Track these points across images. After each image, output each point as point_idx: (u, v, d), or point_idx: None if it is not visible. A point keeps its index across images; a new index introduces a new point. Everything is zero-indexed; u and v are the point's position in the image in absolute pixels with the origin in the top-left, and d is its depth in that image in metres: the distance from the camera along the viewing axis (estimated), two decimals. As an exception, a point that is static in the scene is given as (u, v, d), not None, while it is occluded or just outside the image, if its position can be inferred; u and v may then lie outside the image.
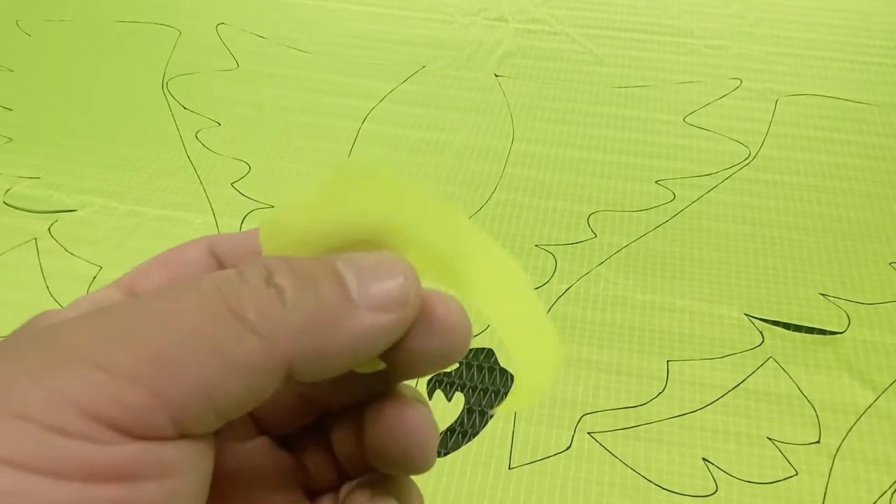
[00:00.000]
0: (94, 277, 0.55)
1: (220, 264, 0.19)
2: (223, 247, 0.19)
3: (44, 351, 0.13)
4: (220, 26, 0.81)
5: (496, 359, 0.50)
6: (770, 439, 0.46)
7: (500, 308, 0.17)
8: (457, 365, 0.50)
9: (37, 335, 0.14)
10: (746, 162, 0.65)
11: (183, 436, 0.14)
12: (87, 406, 0.13)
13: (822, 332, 0.51)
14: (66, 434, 0.13)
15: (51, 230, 0.59)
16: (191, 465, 0.14)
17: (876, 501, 0.43)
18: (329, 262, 0.16)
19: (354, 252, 0.16)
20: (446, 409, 0.47)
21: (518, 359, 0.18)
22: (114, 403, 0.13)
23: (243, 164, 0.65)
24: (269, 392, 0.15)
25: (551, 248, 0.58)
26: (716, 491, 0.43)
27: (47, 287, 0.55)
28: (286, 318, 0.14)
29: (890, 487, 0.44)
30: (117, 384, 0.13)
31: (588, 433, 0.46)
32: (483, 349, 0.51)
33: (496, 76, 0.75)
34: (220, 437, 0.16)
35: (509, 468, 0.45)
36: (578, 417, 0.47)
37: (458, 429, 0.46)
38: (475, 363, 0.50)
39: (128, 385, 0.13)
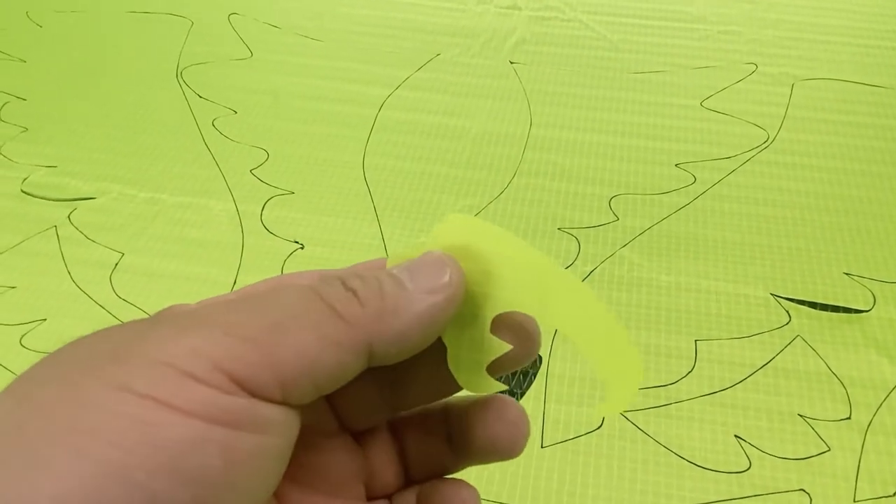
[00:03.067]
0: (116, 264, 0.55)
1: None
2: None
3: (183, 320, 0.17)
4: (231, 16, 0.81)
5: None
6: (801, 416, 0.46)
7: (585, 335, 0.20)
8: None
9: (175, 313, 0.18)
10: (766, 145, 0.65)
11: (284, 402, 0.17)
12: (217, 360, 0.16)
13: (848, 310, 0.51)
14: (199, 380, 0.15)
15: (70, 218, 0.59)
16: (283, 430, 0.17)
17: (909, 476, 0.43)
18: (386, 269, 0.20)
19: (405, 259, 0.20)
20: (476, 390, 0.47)
21: (605, 378, 0.20)
22: (237, 361, 0.16)
23: (262, 151, 0.64)
24: (356, 370, 0.18)
25: (574, 232, 0.57)
26: (749, 467, 0.43)
27: (69, 274, 0.55)
28: (363, 309, 0.18)
29: (922, 462, 0.44)
30: (242, 346, 0.16)
31: (619, 412, 0.46)
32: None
33: (511, 63, 0.75)
34: (307, 425, 0.18)
35: (542, 447, 0.45)
36: (609, 397, 0.47)
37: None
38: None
39: (249, 347, 0.16)
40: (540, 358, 0.49)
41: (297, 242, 0.56)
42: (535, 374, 0.48)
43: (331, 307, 0.18)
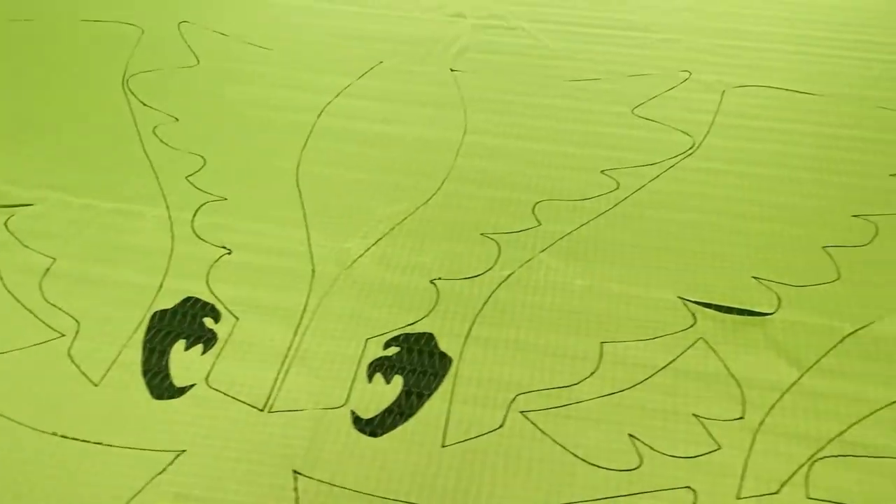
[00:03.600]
0: (48, 270, 0.57)
1: None
2: None
3: None
4: (182, 24, 0.82)
5: (436, 343, 0.52)
6: (696, 416, 0.47)
7: None
8: (398, 349, 0.51)
9: None
10: (690, 151, 0.66)
11: None
12: None
13: (753, 313, 0.53)
14: None
15: (7, 224, 0.60)
16: None
17: (794, 473, 0.45)
18: None
19: None
20: (385, 392, 0.49)
21: None
22: None
23: (199, 157, 0.66)
24: None
25: (496, 237, 0.59)
26: (640, 465, 0.45)
27: (1, 279, 0.56)
28: None
29: (808, 460, 0.45)
30: None
31: (521, 412, 0.48)
32: (424, 334, 0.52)
33: (452, 71, 0.76)
34: None
35: (443, 446, 0.46)
36: (512, 397, 0.48)
37: (395, 410, 0.48)
38: (416, 347, 0.51)
39: None
40: (450, 359, 0.51)
41: (225, 248, 0.58)
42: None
43: None
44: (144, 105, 0.72)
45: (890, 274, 0.56)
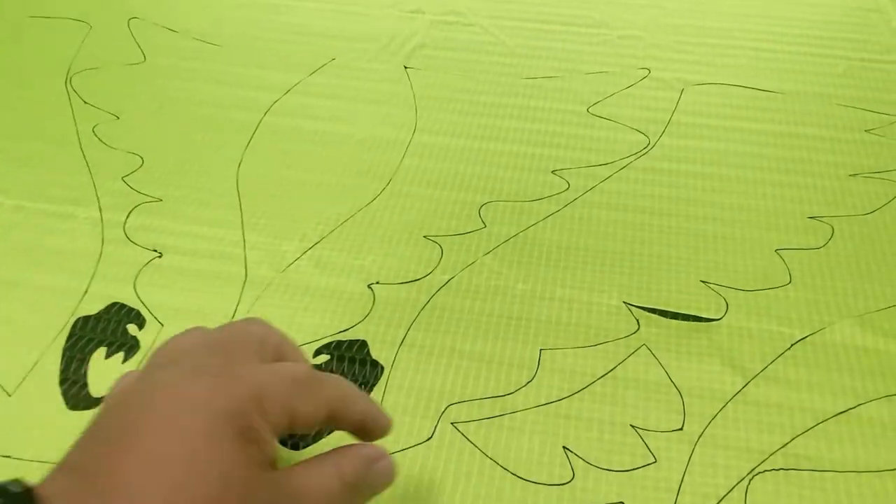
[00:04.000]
0: (-29, 273, 0.54)
1: None
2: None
3: None
4: (132, 20, 0.80)
5: (368, 351, 0.50)
6: (633, 427, 0.45)
7: None
8: (327, 357, 0.49)
9: None
10: (645, 151, 0.64)
11: None
12: None
13: (699, 318, 0.51)
14: None
15: (-68, 226, 0.58)
16: None
17: (733, 488, 0.43)
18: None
19: None
20: (312, 401, 0.47)
21: None
22: None
23: (137, 157, 0.64)
24: None
25: (439, 239, 0.57)
26: (572, 479, 0.43)
27: (-79, 283, 0.54)
28: None
29: (749, 474, 0.43)
30: None
31: (452, 423, 0.46)
32: (356, 341, 0.50)
33: (406, 68, 0.74)
34: None
35: (367, 459, 0.44)
36: (444, 408, 0.46)
37: (321, 421, 0.46)
38: (347, 354, 0.49)
39: None
40: (381, 367, 0.49)
41: (155, 251, 0.56)
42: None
43: None
44: (86, 103, 0.70)
45: (844, 278, 0.54)
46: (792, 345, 0.50)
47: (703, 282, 0.54)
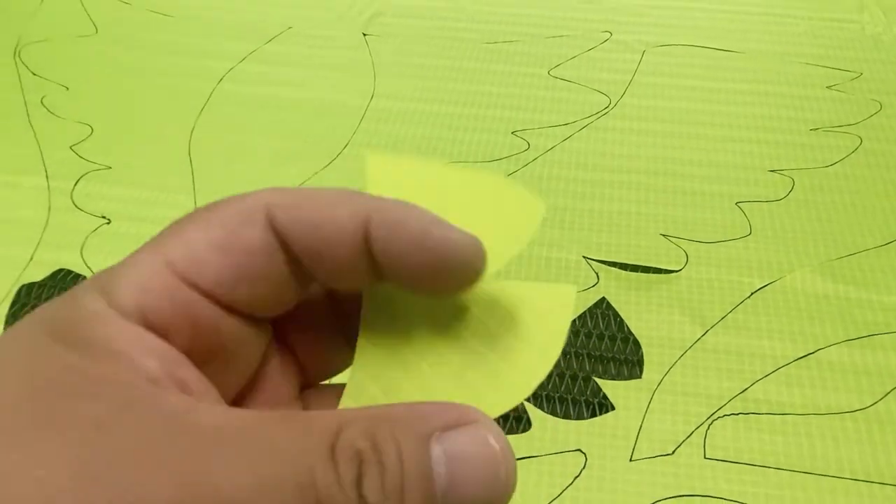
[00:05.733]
0: (-89, 244, 0.53)
1: (286, 247, 0.17)
2: (286, 222, 0.17)
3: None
4: (84, -7, 0.78)
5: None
6: (592, 377, 0.45)
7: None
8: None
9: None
10: (606, 111, 0.64)
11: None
12: None
13: (658, 270, 0.50)
14: None
15: None
16: None
17: (691, 433, 0.42)
18: (426, 461, 0.14)
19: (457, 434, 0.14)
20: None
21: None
22: None
23: (86, 127, 0.62)
24: None
25: (396, 200, 0.56)
26: (530, 428, 0.42)
27: None
28: None
29: (708, 419, 0.43)
30: None
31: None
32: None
33: (364, 35, 0.73)
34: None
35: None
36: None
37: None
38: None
39: None
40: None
41: (104, 217, 0.54)
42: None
43: None
44: (34, 75, 0.68)
45: (804, 228, 0.54)
46: (752, 293, 0.49)
47: (662, 235, 0.53)
